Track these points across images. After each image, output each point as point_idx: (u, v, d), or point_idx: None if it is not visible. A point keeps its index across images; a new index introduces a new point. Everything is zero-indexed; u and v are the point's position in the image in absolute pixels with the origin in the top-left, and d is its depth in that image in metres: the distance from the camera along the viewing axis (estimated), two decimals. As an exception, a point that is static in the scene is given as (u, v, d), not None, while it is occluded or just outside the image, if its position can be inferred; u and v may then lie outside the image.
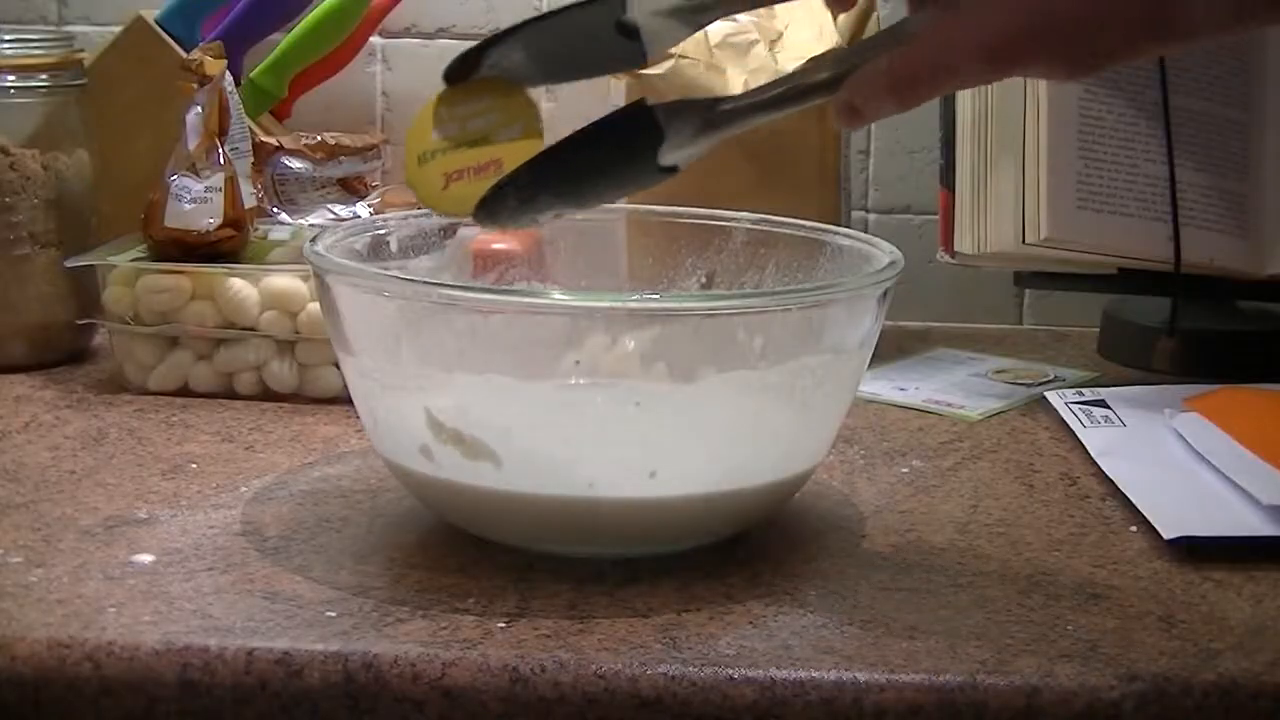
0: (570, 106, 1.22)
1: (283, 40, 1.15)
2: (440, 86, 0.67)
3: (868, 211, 1.22)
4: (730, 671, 0.59)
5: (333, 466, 0.81)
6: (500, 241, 0.90)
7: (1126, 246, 0.99)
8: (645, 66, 0.66)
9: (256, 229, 0.99)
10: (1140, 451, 0.83)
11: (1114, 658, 0.61)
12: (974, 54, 0.59)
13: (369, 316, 0.69)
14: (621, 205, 1.03)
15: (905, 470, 0.83)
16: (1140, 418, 0.89)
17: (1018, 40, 0.58)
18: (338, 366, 0.83)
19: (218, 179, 0.95)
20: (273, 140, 1.11)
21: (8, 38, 0.99)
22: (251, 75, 1.14)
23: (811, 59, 0.65)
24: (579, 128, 0.66)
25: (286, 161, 1.11)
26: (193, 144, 0.95)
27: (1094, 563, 0.71)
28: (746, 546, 0.71)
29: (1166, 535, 0.72)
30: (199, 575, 0.67)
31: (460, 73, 0.67)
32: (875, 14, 1.02)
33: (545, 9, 1.21)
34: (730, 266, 0.80)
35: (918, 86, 0.61)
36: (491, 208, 0.65)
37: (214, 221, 0.94)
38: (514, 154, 0.66)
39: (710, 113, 0.65)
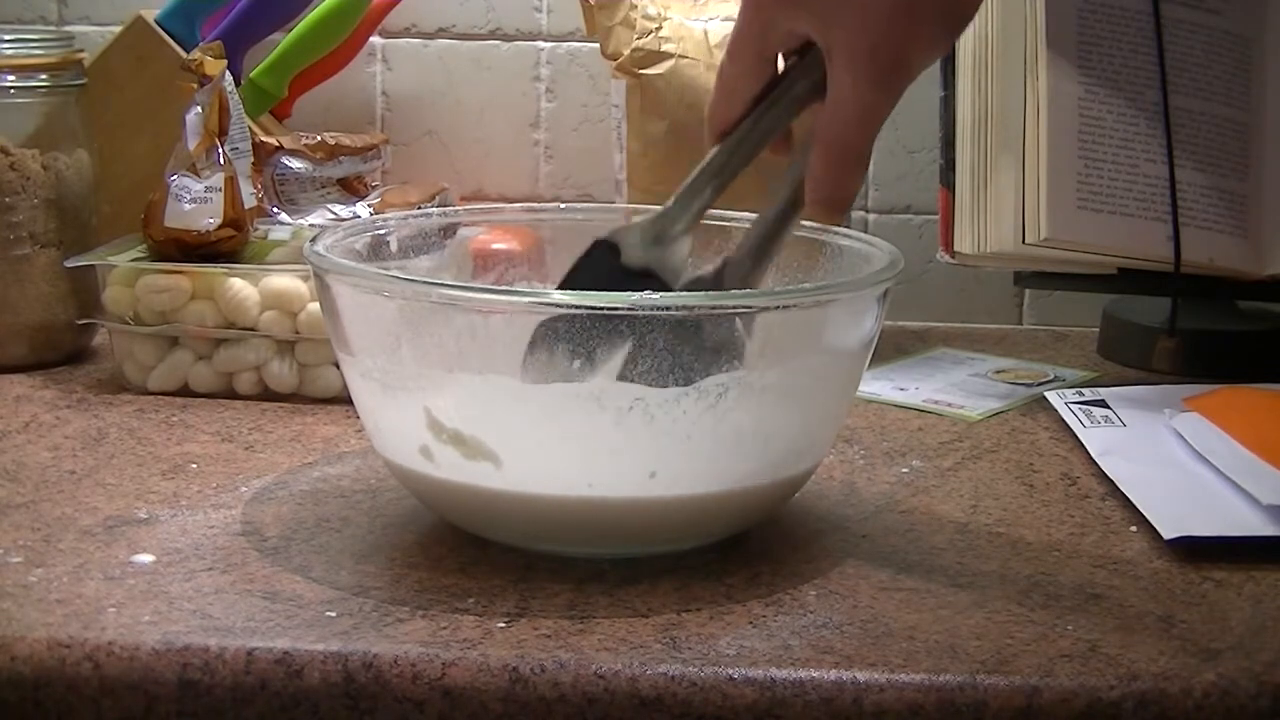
0: (571, 103, 1.23)
1: (283, 40, 1.15)
2: (438, 86, 0.67)
3: (868, 211, 1.22)
4: (730, 671, 0.59)
5: (333, 466, 0.81)
6: (500, 241, 0.90)
7: (1126, 246, 0.99)
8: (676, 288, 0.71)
9: (256, 229, 0.99)
10: (1140, 451, 0.83)
11: (1114, 658, 0.61)
12: (870, 78, 0.64)
13: (369, 316, 0.69)
14: (621, 205, 1.04)
15: (905, 470, 0.83)
16: (1140, 418, 0.89)
17: (894, 42, 0.64)
18: (338, 366, 0.83)
19: (218, 179, 0.95)
20: (273, 140, 1.11)
21: (8, 38, 0.99)
22: (251, 75, 1.14)
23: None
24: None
25: (286, 161, 1.11)
26: (193, 144, 0.95)
27: (1094, 563, 0.71)
28: (746, 546, 0.71)
29: (1166, 535, 0.72)
30: (199, 575, 0.67)
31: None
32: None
33: (545, 8, 1.21)
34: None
35: (855, 141, 0.66)
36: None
37: (214, 221, 0.94)
38: None
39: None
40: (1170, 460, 0.82)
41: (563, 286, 0.72)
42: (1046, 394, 0.95)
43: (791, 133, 0.71)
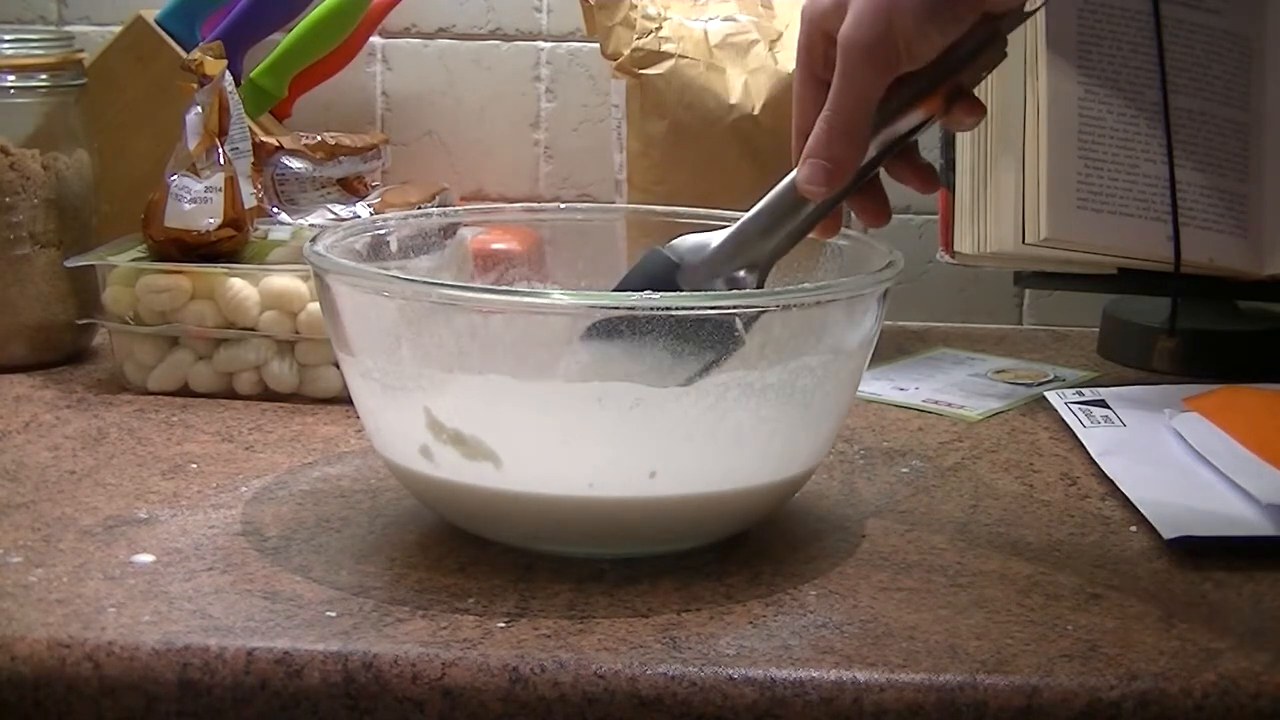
0: (571, 103, 1.23)
1: (283, 40, 1.15)
2: (438, 86, 0.67)
3: (868, 211, 1.22)
4: (730, 671, 0.59)
5: (333, 466, 0.81)
6: (500, 241, 0.90)
7: (1126, 246, 0.99)
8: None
9: (256, 229, 0.99)
10: (1140, 451, 0.83)
11: (1114, 658, 0.61)
12: (861, 59, 0.66)
13: (369, 316, 0.69)
14: (621, 205, 1.04)
15: (905, 470, 0.83)
16: (1140, 418, 0.89)
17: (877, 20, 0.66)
18: (338, 366, 0.83)
19: (218, 179, 0.95)
20: (273, 140, 1.11)
21: (8, 38, 0.99)
22: (251, 75, 1.14)
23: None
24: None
25: (286, 161, 1.11)
26: (193, 144, 0.95)
27: (1094, 563, 0.71)
28: (746, 546, 0.71)
29: (1166, 535, 0.72)
30: (199, 575, 0.67)
31: None
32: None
33: (545, 8, 1.21)
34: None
35: (842, 108, 0.67)
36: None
37: (214, 221, 0.94)
38: None
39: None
40: (1170, 460, 0.82)
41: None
42: (1046, 394, 0.95)
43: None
